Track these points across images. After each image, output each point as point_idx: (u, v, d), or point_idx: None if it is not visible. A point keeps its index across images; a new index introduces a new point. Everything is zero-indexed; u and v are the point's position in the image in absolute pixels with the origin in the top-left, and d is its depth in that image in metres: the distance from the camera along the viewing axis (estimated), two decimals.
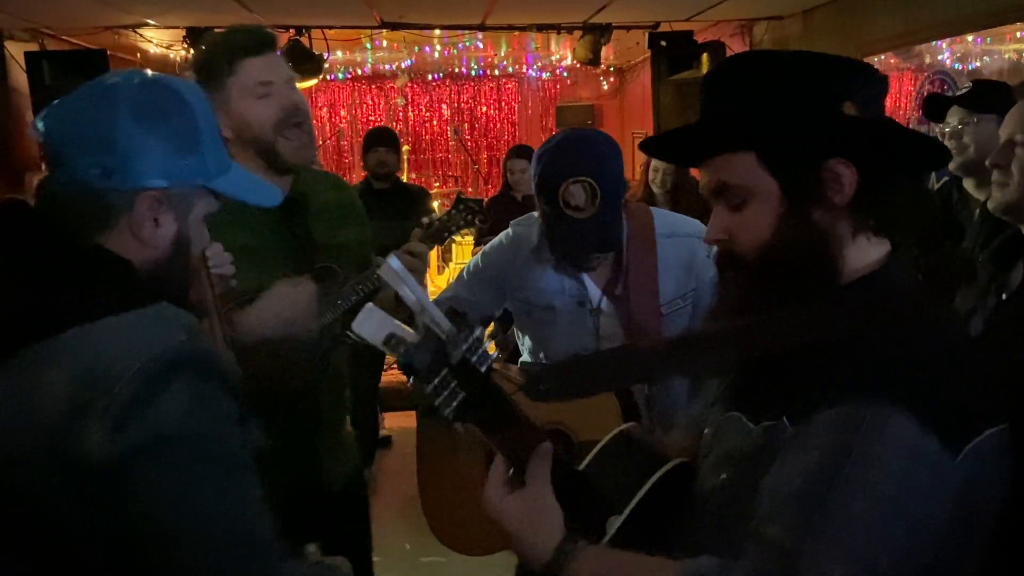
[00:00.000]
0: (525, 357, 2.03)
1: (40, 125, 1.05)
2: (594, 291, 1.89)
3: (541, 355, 1.98)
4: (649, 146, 1.12)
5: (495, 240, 2.05)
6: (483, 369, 0.88)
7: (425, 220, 1.86)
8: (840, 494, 0.85)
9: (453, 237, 1.91)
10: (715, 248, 1.92)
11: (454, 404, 0.87)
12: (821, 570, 0.83)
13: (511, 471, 1.01)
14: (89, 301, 1.00)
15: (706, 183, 1.04)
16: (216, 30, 1.80)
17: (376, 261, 1.82)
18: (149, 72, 1.11)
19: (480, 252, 2.07)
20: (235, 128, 1.73)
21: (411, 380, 0.88)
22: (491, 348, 0.89)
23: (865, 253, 0.99)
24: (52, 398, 0.94)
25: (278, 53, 1.75)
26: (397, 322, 0.84)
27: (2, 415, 0.97)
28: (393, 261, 0.86)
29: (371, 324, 0.84)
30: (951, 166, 2.32)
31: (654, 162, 4.21)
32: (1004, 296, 1.53)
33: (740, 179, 0.99)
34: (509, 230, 2.03)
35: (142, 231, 1.06)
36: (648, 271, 1.84)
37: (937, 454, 0.85)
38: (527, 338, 2.01)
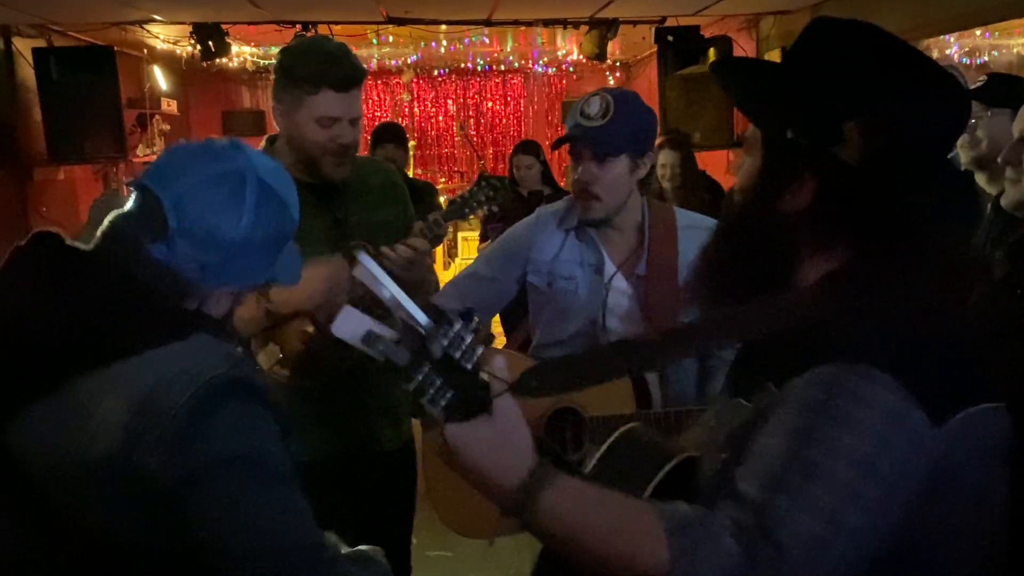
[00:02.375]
0: (536, 342, 2.07)
1: (153, 186, 1.06)
2: (609, 266, 1.96)
3: (554, 333, 2.03)
4: (719, 69, 1.14)
5: (521, 221, 2.14)
6: (468, 366, 0.85)
7: (446, 199, 1.96)
8: (815, 451, 0.85)
9: (476, 213, 2.04)
10: None
11: (442, 404, 0.84)
12: (790, 521, 0.83)
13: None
14: (133, 334, 1.04)
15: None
16: (318, 40, 1.94)
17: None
18: (260, 158, 1.13)
19: (505, 232, 2.17)
20: (288, 130, 1.89)
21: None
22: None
23: (826, 260, 1.00)
24: (107, 427, 0.99)
25: (360, 88, 1.88)
26: (375, 321, 0.83)
27: (55, 444, 1.01)
28: (364, 259, 0.85)
29: (348, 324, 0.82)
30: (963, 160, 2.31)
31: (661, 157, 4.22)
32: (1020, 292, 1.53)
33: (750, 134, 1.07)
34: (535, 213, 2.13)
35: (208, 308, 1.12)
36: (669, 256, 1.93)
37: (918, 421, 0.86)
38: (542, 318, 2.07)
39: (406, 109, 9.14)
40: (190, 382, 1.01)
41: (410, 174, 6.05)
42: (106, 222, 1.10)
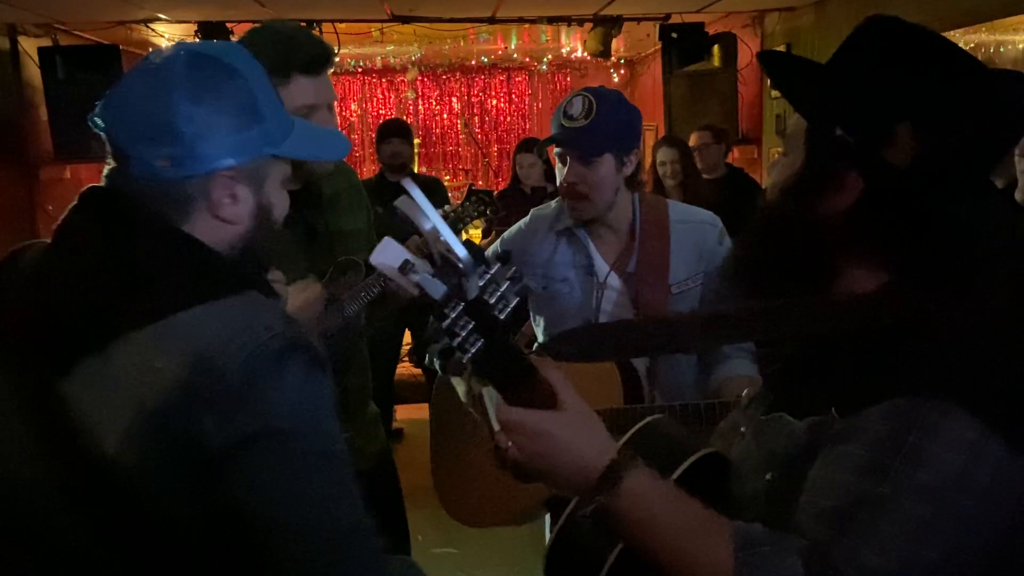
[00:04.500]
0: (538, 345, 2.07)
1: (99, 120, 1.04)
2: (601, 265, 1.97)
3: (553, 334, 2.03)
4: (768, 59, 1.11)
5: (514, 226, 2.14)
6: (501, 316, 0.83)
7: (440, 212, 1.88)
8: (886, 488, 0.83)
9: (467, 228, 1.98)
10: (726, 237, 1.94)
11: (472, 351, 0.82)
12: (859, 559, 0.82)
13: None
14: (183, 290, 0.99)
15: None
16: (272, 26, 1.75)
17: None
18: (194, 43, 1.10)
19: (500, 238, 2.17)
20: None
21: (429, 321, 0.84)
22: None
23: (876, 274, 0.97)
24: (160, 385, 0.93)
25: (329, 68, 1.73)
26: (413, 254, 0.82)
27: (102, 406, 0.95)
28: (411, 186, 0.82)
29: (386, 254, 0.82)
30: None
31: (661, 155, 4.24)
32: None
33: (791, 131, 1.04)
34: (528, 216, 2.12)
35: (222, 211, 1.05)
36: (660, 252, 1.93)
37: (1001, 454, 0.82)
38: (542, 319, 2.08)
39: (410, 107, 9.15)
40: (248, 339, 0.95)
41: (416, 170, 6.06)
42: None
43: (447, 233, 0.83)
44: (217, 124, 1.02)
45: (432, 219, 0.83)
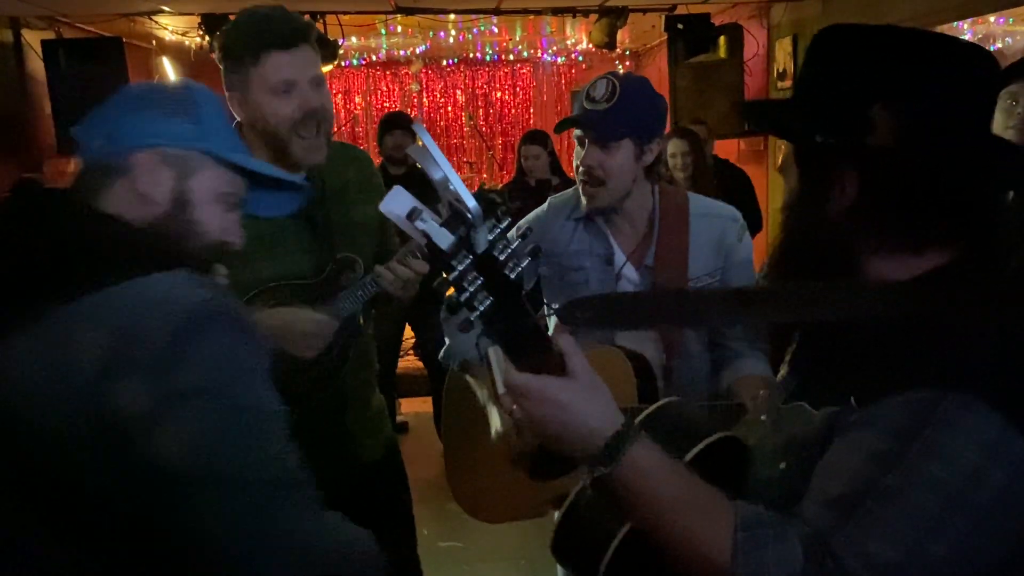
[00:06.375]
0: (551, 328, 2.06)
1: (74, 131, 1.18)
2: (619, 255, 1.94)
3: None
4: (752, 113, 1.15)
5: (532, 213, 2.11)
6: (512, 275, 0.82)
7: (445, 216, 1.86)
8: (896, 478, 0.82)
9: None
10: (746, 233, 1.95)
11: (480, 309, 0.80)
12: (864, 550, 0.81)
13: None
14: (109, 266, 1.04)
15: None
16: (249, 9, 1.74)
17: (376, 271, 1.80)
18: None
19: (515, 226, 2.14)
20: (249, 117, 1.70)
21: (438, 275, 0.83)
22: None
23: (908, 263, 0.97)
24: (86, 356, 0.98)
25: (311, 44, 1.69)
26: (422, 204, 0.80)
27: (34, 378, 1.00)
28: (422, 132, 0.82)
29: (396, 202, 0.80)
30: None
31: (671, 147, 4.22)
32: None
33: (783, 160, 1.05)
34: (546, 202, 2.10)
35: (141, 184, 1.13)
36: (679, 246, 1.90)
37: (1021, 454, 0.81)
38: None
39: (415, 100, 9.13)
40: (172, 309, 1.00)
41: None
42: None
43: (457, 182, 0.80)
44: (150, 109, 1.17)
45: (442, 167, 0.80)
